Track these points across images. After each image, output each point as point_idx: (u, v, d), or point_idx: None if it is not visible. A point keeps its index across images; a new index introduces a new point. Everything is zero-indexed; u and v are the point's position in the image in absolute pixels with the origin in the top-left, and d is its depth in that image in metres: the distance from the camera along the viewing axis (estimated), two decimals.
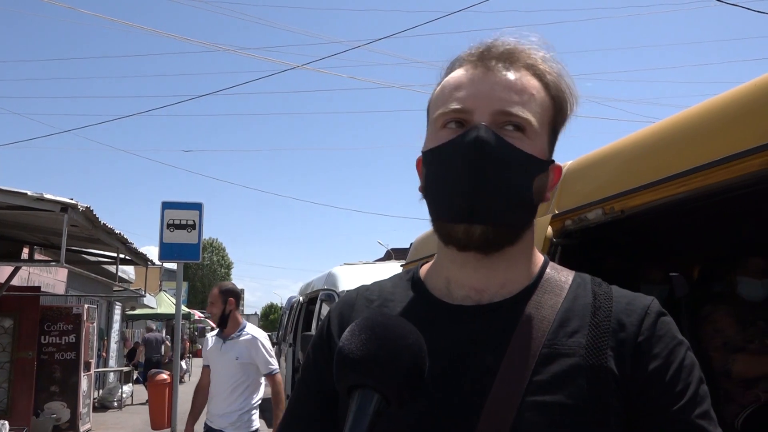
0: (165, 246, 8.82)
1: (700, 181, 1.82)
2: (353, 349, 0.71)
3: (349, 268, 7.76)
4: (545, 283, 0.88)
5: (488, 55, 0.87)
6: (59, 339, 9.86)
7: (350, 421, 0.68)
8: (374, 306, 0.94)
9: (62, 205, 5.43)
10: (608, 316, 0.83)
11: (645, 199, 2.03)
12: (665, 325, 0.84)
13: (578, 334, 0.82)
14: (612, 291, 0.88)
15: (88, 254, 10.26)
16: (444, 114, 0.86)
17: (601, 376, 0.79)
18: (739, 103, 1.79)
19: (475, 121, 0.83)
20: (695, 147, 1.88)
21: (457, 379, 0.81)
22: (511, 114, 0.83)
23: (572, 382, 0.78)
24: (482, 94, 0.84)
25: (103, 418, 11.80)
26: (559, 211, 2.47)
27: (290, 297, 11.88)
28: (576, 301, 0.86)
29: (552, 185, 0.91)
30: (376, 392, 0.69)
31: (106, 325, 15.65)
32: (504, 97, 0.84)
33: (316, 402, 0.93)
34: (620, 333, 0.82)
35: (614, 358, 0.80)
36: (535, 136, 0.85)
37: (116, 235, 7.21)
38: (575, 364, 0.79)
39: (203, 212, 9.13)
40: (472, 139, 0.81)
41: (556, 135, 0.91)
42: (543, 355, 0.80)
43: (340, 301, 1.00)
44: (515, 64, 0.87)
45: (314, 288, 8.35)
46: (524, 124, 0.84)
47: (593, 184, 2.35)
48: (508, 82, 0.85)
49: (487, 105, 0.83)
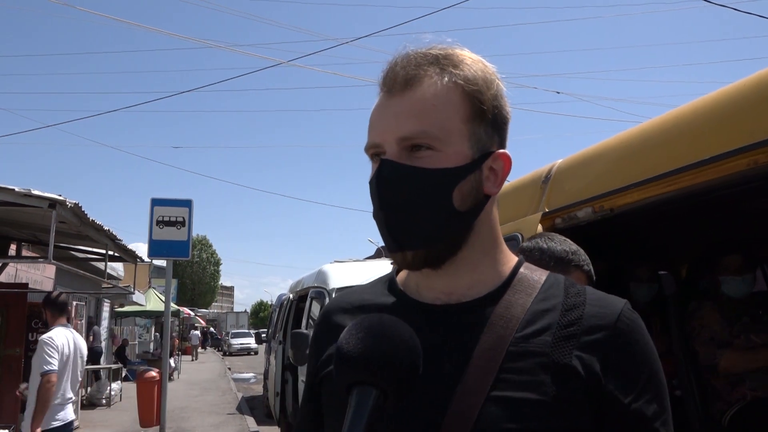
0: (154, 243, 8.78)
1: (688, 180, 1.83)
2: (351, 347, 0.74)
3: (340, 266, 7.74)
4: (517, 283, 0.89)
5: (388, 80, 0.87)
6: None
7: (350, 417, 0.71)
8: (353, 308, 0.97)
9: (50, 201, 5.38)
10: (579, 317, 0.84)
11: (634, 198, 2.04)
12: (637, 331, 0.84)
13: (546, 332, 0.83)
14: (585, 291, 0.88)
15: (76, 251, 10.19)
16: (366, 150, 0.90)
17: (566, 374, 0.80)
18: (726, 103, 1.80)
19: (386, 153, 0.85)
20: (684, 146, 1.89)
21: (426, 376, 0.82)
22: (411, 138, 0.84)
23: (538, 378, 0.79)
24: (385, 126, 0.86)
25: (91, 415, 11.73)
26: (549, 209, 2.48)
27: (280, 294, 11.86)
28: (546, 301, 0.87)
29: (502, 176, 0.90)
30: (375, 388, 0.72)
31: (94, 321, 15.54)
32: (402, 123, 0.84)
33: (318, 404, 0.97)
34: (590, 335, 0.82)
35: (581, 358, 0.81)
36: (447, 145, 0.84)
37: (105, 231, 7.16)
38: (541, 362, 0.81)
39: (193, 209, 9.10)
40: (374, 178, 0.85)
41: (489, 124, 0.88)
42: (510, 353, 0.81)
43: (322, 311, 1.04)
44: (414, 79, 0.85)
45: (304, 285, 8.33)
46: (429, 142, 0.83)
47: (583, 182, 2.37)
48: (406, 104, 0.84)
49: (390, 135, 0.85)
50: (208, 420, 11.18)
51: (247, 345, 38.46)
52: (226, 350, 39.88)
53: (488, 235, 0.91)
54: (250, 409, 12.50)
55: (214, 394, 15.56)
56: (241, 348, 38.57)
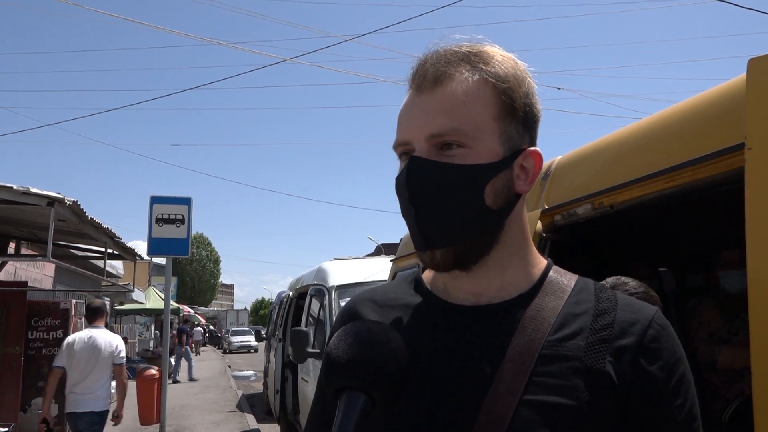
0: (153, 241, 8.78)
1: (689, 176, 1.82)
2: (340, 353, 0.76)
3: (339, 263, 7.74)
4: (547, 286, 0.88)
5: (418, 77, 0.86)
6: (47, 334, 9.78)
7: (338, 421, 0.72)
8: (378, 306, 0.96)
9: (49, 199, 5.36)
10: (611, 322, 0.83)
11: (634, 194, 2.04)
12: (669, 338, 0.84)
13: (578, 336, 0.82)
14: (617, 297, 0.87)
15: (75, 249, 10.18)
16: (395, 147, 0.89)
17: (599, 379, 0.79)
18: (728, 98, 1.79)
19: (416, 151, 0.84)
20: (684, 142, 1.88)
21: (458, 377, 0.82)
22: (441, 135, 0.83)
23: (570, 383, 0.79)
24: (415, 123, 0.85)
25: None
26: (549, 206, 2.47)
27: (280, 292, 11.86)
28: (578, 305, 0.86)
29: (533, 174, 0.89)
30: (363, 393, 0.73)
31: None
32: (432, 119, 0.83)
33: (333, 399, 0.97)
34: (622, 339, 0.82)
35: (613, 363, 0.80)
36: (478, 142, 0.83)
37: (104, 229, 7.15)
38: (574, 366, 0.80)
39: (192, 207, 9.09)
40: (404, 175, 0.84)
41: (520, 121, 0.87)
42: (542, 356, 0.81)
43: (345, 305, 1.03)
44: (444, 76, 0.84)
45: (304, 283, 8.33)
46: (460, 139, 0.83)
47: (582, 179, 2.36)
48: (437, 101, 0.84)
49: (420, 132, 0.84)
50: (208, 418, 11.19)
51: (247, 343, 38.48)
52: (226, 348, 39.90)
53: (519, 235, 0.90)
54: (250, 407, 12.51)
55: (214, 391, 15.57)
56: (241, 346, 38.60)
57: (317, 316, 6.97)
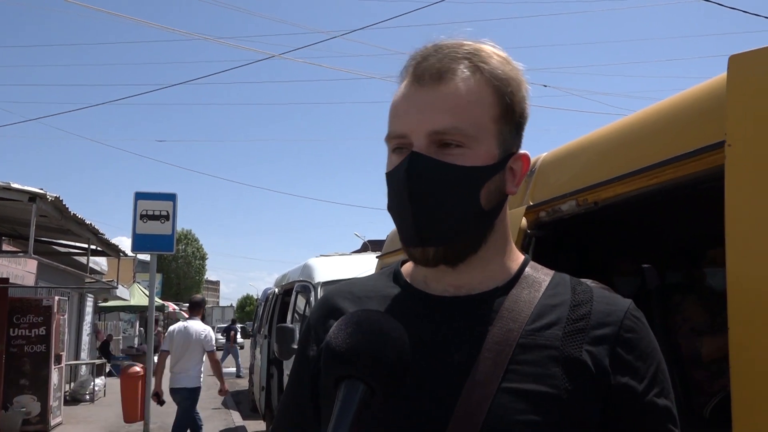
0: (138, 237, 8.70)
1: (671, 173, 1.83)
2: (340, 342, 0.75)
3: (325, 260, 7.72)
4: (523, 280, 0.90)
5: (420, 70, 0.85)
6: (29, 331, 9.68)
7: (337, 410, 0.71)
8: (356, 297, 0.96)
9: (30, 195, 5.31)
10: (588, 313, 0.85)
11: (618, 191, 2.04)
12: (644, 329, 0.86)
13: (556, 326, 0.84)
14: (593, 290, 0.89)
15: (58, 245, 10.08)
16: (388, 139, 0.88)
17: (577, 367, 0.80)
18: (710, 96, 1.80)
19: (414, 146, 0.84)
20: (668, 139, 1.89)
21: (438, 367, 0.83)
22: (443, 132, 0.83)
23: (548, 371, 0.80)
24: (415, 117, 0.84)
25: (74, 411, 11.63)
26: (534, 202, 2.48)
27: (266, 289, 11.83)
28: (555, 297, 0.88)
29: (520, 176, 0.91)
30: (362, 383, 0.72)
31: (78, 317, 15.40)
32: (435, 116, 0.83)
33: (307, 391, 0.95)
34: (598, 330, 0.83)
35: (590, 352, 0.82)
36: (477, 143, 0.84)
37: (87, 225, 7.09)
38: (551, 354, 0.81)
39: (177, 203, 9.02)
40: (404, 170, 0.83)
41: (514, 125, 0.88)
42: (520, 345, 0.82)
43: (322, 296, 1.02)
44: (448, 72, 0.84)
45: (290, 280, 8.30)
46: (460, 139, 0.83)
47: (567, 175, 2.36)
48: (439, 98, 0.83)
49: (421, 127, 0.83)
50: None
51: None
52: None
53: (503, 233, 0.92)
54: (236, 404, 12.46)
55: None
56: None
57: (303, 312, 6.95)
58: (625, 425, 0.81)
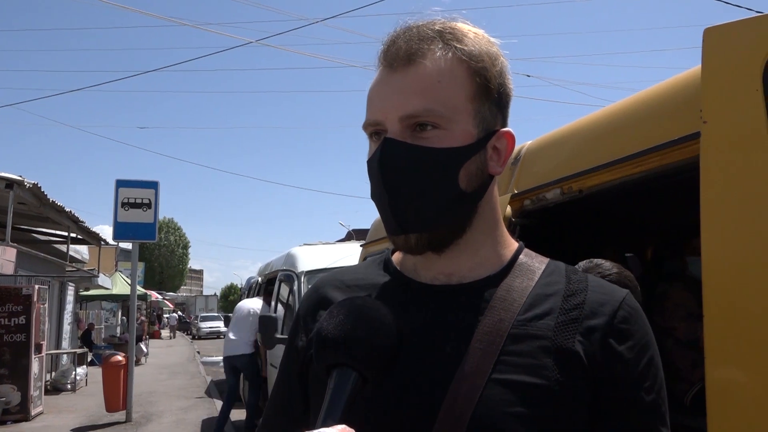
0: (119, 225, 8.62)
1: (655, 161, 1.83)
2: (331, 329, 0.74)
3: (309, 249, 7.69)
4: (517, 268, 0.88)
5: (391, 54, 0.83)
6: (8, 320, 9.56)
7: (328, 398, 0.71)
8: (345, 286, 0.94)
9: (7, 182, 5.21)
10: (582, 302, 0.83)
11: (602, 179, 2.04)
12: (639, 320, 0.84)
13: (548, 316, 0.82)
14: (587, 279, 0.87)
15: (38, 233, 9.94)
16: (365, 127, 0.87)
17: (569, 358, 0.79)
18: (694, 84, 1.80)
19: (388, 132, 0.82)
20: (652, 128, 1.89)
21: (426, 356, 0.82)
22: (416, 116, 0.80)
23: (539, 362, 0.79)
24: (388, 102, 0.82)
25: (55, 400, 11.53)
26: (519, 190, 2.47)
27: (249, 277, 11.77)
28: (548, 287, 0.86)
29: (505, 155, 0.88)
30: (354, 370, 0.72)
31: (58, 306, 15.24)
32: (406, 100, 0.80)
33: (296, 381, 0.94)
34: (592, 320, 0.81)
35: (583, 343, 0.80)
36: (453, 123, 0.81)
37: (66, 213, 6.98)
38: (543, 345, 0.80)
39: (159, 191, 8.93)
40: (377, 158, 0.82)
41: (493, 101, 0.85)
42: (512, 336, 0.80)
43: (312, 286, 1.01)
44: (417, 54, 0.82)
45: (273, 268, 8.26)
46: (435, 120, 0.81)
47: (552, 163, 2.36)
48: (410, 80, 0.81)
49: (393, 112, 0.81)
50: (177, 404, 11.08)
51: (217, 328, 38.26)
52: (195, 334, 39.61)
53: (491, 216, 0.90)
54: (219, 393, 12.43)
55: (183, 377, 15.44)
56: (210, 331, 38.37)
57: (286, 301, 6.92)
58: (610, 419, 0.79)
